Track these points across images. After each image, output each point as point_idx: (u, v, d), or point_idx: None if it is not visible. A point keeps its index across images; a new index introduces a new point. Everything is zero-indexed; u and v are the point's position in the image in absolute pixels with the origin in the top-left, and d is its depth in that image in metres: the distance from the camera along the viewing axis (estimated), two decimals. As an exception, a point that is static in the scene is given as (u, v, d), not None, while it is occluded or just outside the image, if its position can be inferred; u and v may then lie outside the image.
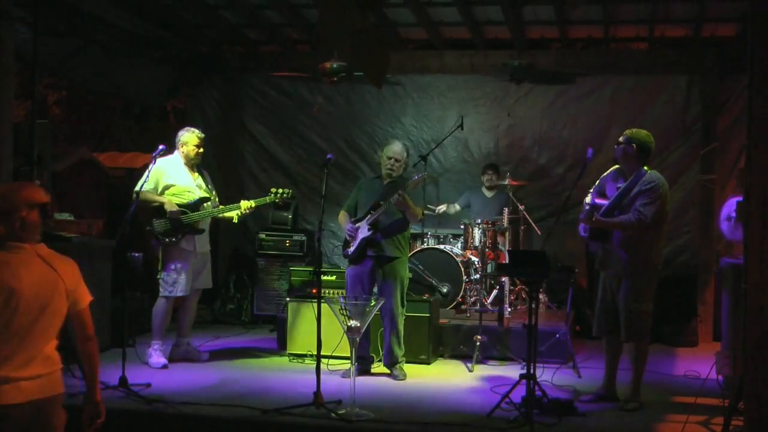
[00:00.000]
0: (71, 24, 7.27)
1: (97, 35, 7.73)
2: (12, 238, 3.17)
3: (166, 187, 6.41)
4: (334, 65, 7.53)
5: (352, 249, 6.21)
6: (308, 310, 6.48)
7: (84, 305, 3.31)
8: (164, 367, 6.29)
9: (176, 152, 6.51)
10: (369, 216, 6.15)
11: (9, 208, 3.17)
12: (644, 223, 5.24)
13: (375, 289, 6.27)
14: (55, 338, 3.22)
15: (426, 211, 8.22)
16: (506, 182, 8.03)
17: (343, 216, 6.44)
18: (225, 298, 8.89)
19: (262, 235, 8.59)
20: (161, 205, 6.32)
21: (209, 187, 6.66)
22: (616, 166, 5.58)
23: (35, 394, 3.07)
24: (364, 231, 6.16)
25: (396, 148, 6.29)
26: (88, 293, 3.35)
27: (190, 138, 6.52)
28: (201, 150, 6.59)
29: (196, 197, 6.48)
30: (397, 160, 6.24)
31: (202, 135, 6.63)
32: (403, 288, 6.26)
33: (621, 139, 5.46)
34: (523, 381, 5.08)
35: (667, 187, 5.41)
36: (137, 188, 6.22)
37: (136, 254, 6.27)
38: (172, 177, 6.44)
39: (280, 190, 6.64)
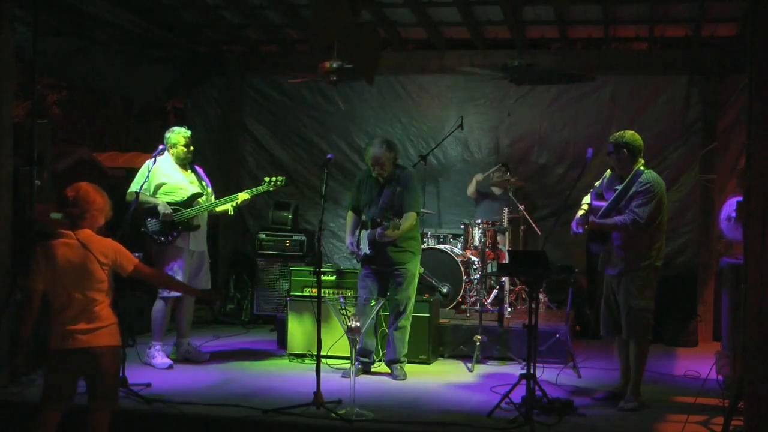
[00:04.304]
0: (71, 24, 7.26)
1: (97, 35, 7.72)
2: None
3: (158, 186, 6.40)
4: (334, 65, 7.51)
5: (360, 254, 6.27)
6: (308, 310, 6.48)
7: (130, 269, 4.22)
8: (170, 367, 6.30)
9: (166, 152, 6.48)
10: (369, 231, 6.16)
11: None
12: (639, 224, 5.28)
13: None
14: (104, 301, 4.08)
15: (428, 211, 8.24)
16: (506, 179, 8.04)
17: (349, 218, 6.47)
18: (225, 298, 8.89)
19: (262, 235, 8.59)
20: (155, 206, 6.30)
21: (203, 183, 6.64)
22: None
23: (84, 343, 3.99)
24: (366, 248, 6.19)
25: (375, 151, 6.11)
26: (129, 260, 4.23)
27: (177, 139, 6.48)
28: (191, 148, 6.56)
29: (189, 193, 6.46)
30: (379, 164, 6.14)
31: (188, 133, 6.56)
32: (413, 286, 6.25)
33: (609, 147, 5.49)
34: (523, 381, 5.09)
35: (663, 187, 5.44)
36: (135, 188, 6.23)
37: (136, 254, 6.24)
38: (164, 176, 6.43)
39: (274, 178, 6.63)
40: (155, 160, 6.29)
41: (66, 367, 4.04)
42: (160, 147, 6.38)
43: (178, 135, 6.50)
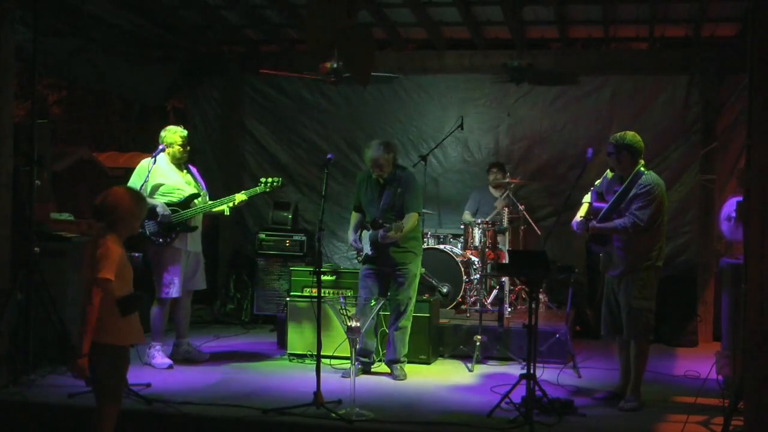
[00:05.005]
0: (71, 24, 7.26)
1: (97, 35, 7.72)
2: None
3: (156, 187, 6.36)
4: (335, 65, 7.52)
5: (362, 254, 6.29)
6: (308, 311, 6.48)
7: (89, 278, 4.01)
8: (170, 367, 6.29)
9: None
10: (371, 232, 6.17)
11: None
12: (639, 227, 5.30)
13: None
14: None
15: (428, 211, 8.24)
16: (507, 181, 8.05)
17: (353, 218, 6.49)
18: (225, 298, 8.88)
19: (262, 235, 8.59)
20: (153, 207, 6.27)
21: (198, 183, 6.63)
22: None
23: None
24: (367, 249, 6.20)
25: (373, 153, 6.12)
26: (96, 272, 3.99)
27: (174, 138, 6.43)
28: (188, 148, 6.53)
29: (186, 194, 6.45)
30: (378, 165, 6.15)
31: (185, 132, 6.52)
32: (414, 286, 6.25)
33: (609, 148, 5.48)
34: (523, 381, 5.09)
35: (663, 188, 5.45)
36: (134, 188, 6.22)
37: (136, 254, 6.26)
38: (162, 176, 6.39)
39: (270, 179, 6.64)
40: (155, 160, 6.29)
41: None
42: (161, 146, 6.37)
43: (175, 134, 6.45)
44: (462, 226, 8.17)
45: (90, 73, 8.11)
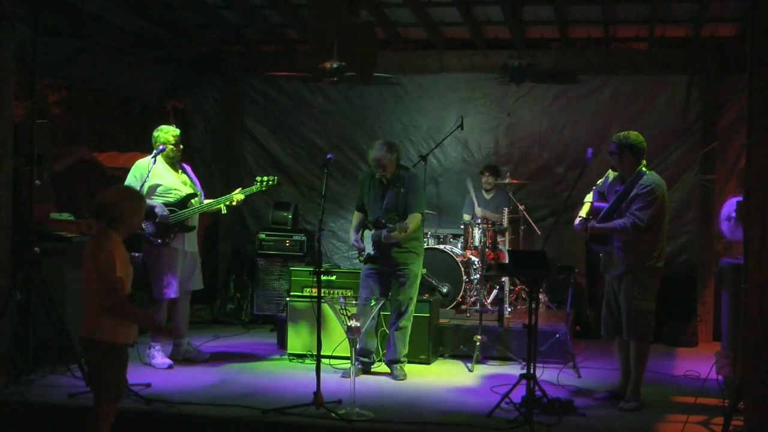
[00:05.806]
0: (71, 24, 7.27)
1: (97, 35, 7.73)
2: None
3: (153, 187, 6.34)
4: (334, 65, 7.51)
5: (364, 254, 6.29)
6: (308, 311, 6.48)
7: (100, 278, 4.09)
8: (170, 367, 6.29)
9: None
10: (373, 232, 6.17)
11: None
12: (639, 227, 5.29)
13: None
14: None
15: (428, 211, 8.25)
16: (506, 181, 8.04)
17: (355, 218, 6.50)
18: (225, 298, 8.88)
19: (262, 235, 8.59)
20: (151, 208, 6.23)
21: (193, 182, 6.62)
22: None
23: (82, 332, 4.18)
24: (369, 248, 6.20)
25: (376, 153, 6.16)
26: (104, 272, 4.07)
27: (167, 138, 6.41)
28: (181, 147, 6.53)
29: (183, 194, 6.45)
30: (381, 165, 6.17)
31: (178, 131, 6.51)
32: (415, 286, 6.26)
33: (612, 148, 5.47)
34: (523, 381, 5.09)
35: (664, 188, 5.44)
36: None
37: (136, 254, 6.28)
38: (158, 177, 6.37)
39: (266, 178, 6.65)
40: (155, 160, 6.28)
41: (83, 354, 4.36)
42: (161, 147, 6.36)
43: (168, 134, 6.44)
44: (462, 226, 8.18)
45: (90, 73, 8.11)
